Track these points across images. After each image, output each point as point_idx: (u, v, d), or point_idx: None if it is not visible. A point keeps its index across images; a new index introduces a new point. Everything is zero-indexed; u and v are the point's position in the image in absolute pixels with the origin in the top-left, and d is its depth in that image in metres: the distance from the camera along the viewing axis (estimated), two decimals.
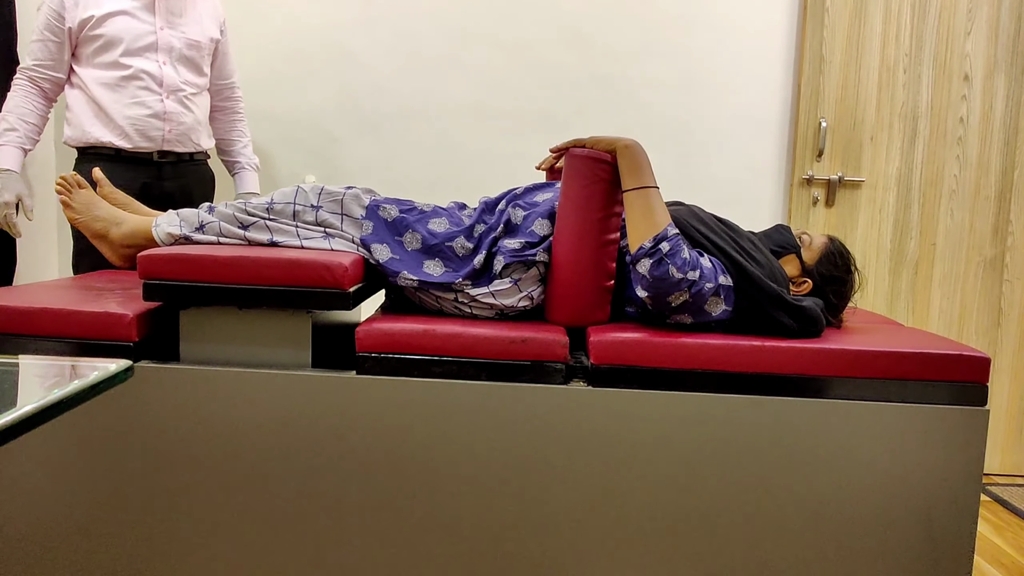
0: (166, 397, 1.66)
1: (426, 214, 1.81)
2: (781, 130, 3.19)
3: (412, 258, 1.77)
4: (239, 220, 1.78)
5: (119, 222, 1.89)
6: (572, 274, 1.72)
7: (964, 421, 1.62)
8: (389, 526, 1.67)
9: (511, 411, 1.64)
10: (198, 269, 1.66)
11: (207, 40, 2.57)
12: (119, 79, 2.41)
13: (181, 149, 2.54)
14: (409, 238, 1.78)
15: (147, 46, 2.43)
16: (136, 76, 2.42)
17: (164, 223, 1.81)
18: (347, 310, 1.65)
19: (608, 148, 1.71)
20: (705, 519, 1.65)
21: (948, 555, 1.65)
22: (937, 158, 3.18)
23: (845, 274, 1.83)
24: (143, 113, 2.43)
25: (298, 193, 1.80)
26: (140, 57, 2.42)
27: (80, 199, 1.92)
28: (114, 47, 2.40)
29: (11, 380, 0.77)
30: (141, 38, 2.42)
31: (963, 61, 3.14)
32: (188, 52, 2.51)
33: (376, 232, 1.78)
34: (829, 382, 1.63)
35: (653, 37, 3.15)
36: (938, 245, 3.21)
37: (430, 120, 3.17)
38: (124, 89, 2.41)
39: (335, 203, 1.80)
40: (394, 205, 1.80)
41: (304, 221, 1.79)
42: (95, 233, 1.92)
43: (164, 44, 2.46)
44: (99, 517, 1.68)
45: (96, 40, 2.39)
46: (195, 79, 2.56)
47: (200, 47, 2.55)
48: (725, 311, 1.68)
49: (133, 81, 2.42)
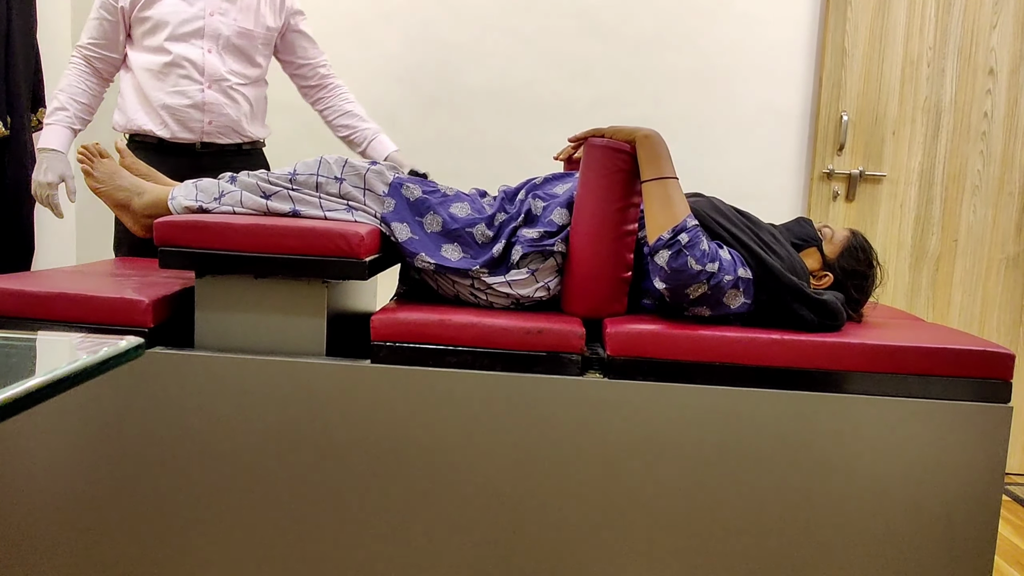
0: (180, 384, 1.65)
1: (448, 198, 1.80)
2: (802, 123, 3.16)
3: (431, 240, 1.76)
4: (262, 189, 1.76)
5: (141, 192, 1.88)
6: (589, 265, 1.71)
7: (987, 418, 1.59)
8: (403, 515, 1.66)
9: (526, 402, 1.63)
10: (215, 236, 1.65)
11: (262, 29, 2.43)
12: (162, 65, 2.33)
13: (225, 140, 2.43)
14: (430, 220, 1.77)
15: (193, 32, 2.33)
16: (177, 63, 2.32)
17: (180, 195, 1.80)
18: (363, 279, 1.63)
19: (627, 138, 1.69)
20: (722, 512, 1.64)
21: (968, 555, 1.62)
22: (960, 153, 3.14)
23: (867, 268, 1.80)
24: (182, 103, 2.34)
25: (321, 164, 1.78)
26: (184, 43, 2.33)
27: (102, 168, 1.90)
28: (160, 30, 2.31)
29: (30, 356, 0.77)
30: (188, 23, 2.32)
31: (988, 55, 3.10)
32: (238, 41, 2.39)
33: (397, 210, 1.77)
34: (849, 377, 1.61)
35: (673, 28, 3.12)
36: (960, 241, 3.17)
37: (449, 111, 3.16)
38: (166, 77, 2.33)
39: (358, 177, 1.78)
40: (418, 185, 1.79)
41: (327, 193, 1.77)
42: (117, 203, 1.90)
43: (211, 31, 2.36)
44: (113, 502, 1.68)
45: (145, 22, 2.31)
46: (244, 69, 2.43)
47: (252, 36, 2.41)
48: (744, 304, 1.66)
49: (175, 68, 2.33)
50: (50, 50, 2.96)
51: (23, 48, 2.70)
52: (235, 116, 2.42)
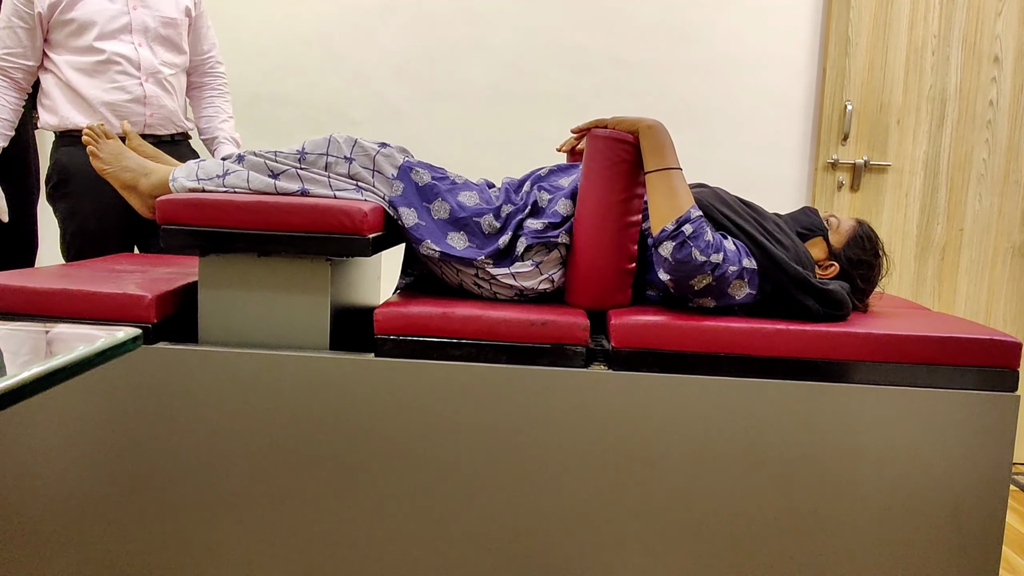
0: (184, 379, 1.65)
1: (457, 185, 1.79)
2: (806, 113, 3.14)
3: (438, 227, 1.75)
4: (269, 168, 1.75)
5: (148, 172, 1.87)
6: (593, 257, 1.70)
7: (994, 407, 1.58)
8: (408, 509, 1.66)
9: (531, 394, 1.62)
10: (217, 214, 1.64)
11: (182, 16, 2.44)
12: (95, 64, 2.30)
13: (163, 132, 2.44)
14: (438, 206, 1.76)
15: (121, 27, 2.32)
16: (112, 60, 2.31)
17: (182, 177, 1.78)
18: (366, 256, 1.63)
19: (631, 128, 1.68)
20: (727, 503, 1.63)
21: (976, 544, 1.61)
22: (965, 142, 3.12)
23: (873, 258, 1.79)
24: (123, 98, 2.34)
25: (331, 143, 1.77)
26: (115, 40, 2.32)
27: (107, 150, 1.89)
28: (87, 31, 2.29)
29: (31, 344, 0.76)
30: (115, 19, 2.31)
31: (993, 43, 3.08)
32: (164, 31, 2.39)
33: (405, 195, 1.75)
34: (855, 366, 1.60)
35: (675, 18, 3.10)
36: (965, 231, 3.16)
37: (451, 103, 3.15)
38: (102, 74, 2.32)
39: (367, 158, 1.76)
40: (427, 170, 1.78)
41: (336, 173, 1.76)
42: (124, 184, 1.89)
43: (139, 24, 2.35)
44: (117, 499, 1.68)
45: (68, 24, 2.28)
46: (173, 59, 2.44)
47: (176, 24, 2.42)
48: (749, 294, 1.65)
49: (110, 66, 2.31)
50: None
51: None
52: (172, 107, 2.44)
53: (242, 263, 1.68)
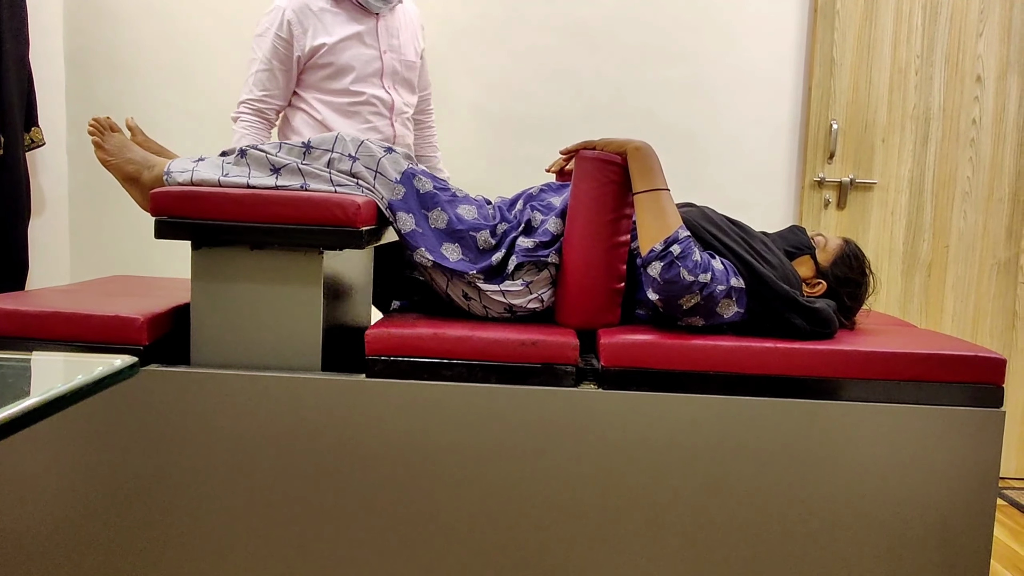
0: (176, 401, 1.65)
1: (458, 198, 1.80)
2: (792, 132, 3.18)
3: (434, 236, 1.76)
4: (271, 163, 1.75)
5: (151, 165, 1.87)
6: (582, 276, 1.71)
7: (980, 423, 1.60)
8: (398, 529, 1.66)
9: (521, 414, 1.63)
10: (210, 207, 1.65)
11: (418, 59, 2.54)
12: (350, 104, 2.37)
13: None
14: (436, 216, 1.77)
15: (374, 72, 2.40)
16: (369, 102, 2.39)
17: (176, 172, 1.77)
18: (359, 248, 1.63)
19: (619, 150, 1.70)
20: (717, 521, 1.64)
21: (964, 559, 1.63)
22: (950, 160, 3.16)
23: (860, 276, 1.81)
24: (376, 138, 2.38)
25: (337, 141, 1.77)
26: (368, 83, 2.39)
27: (112, 142, 1.89)
28: (345, 75, 2.36)
29: (25, 376, 0.77)
30: (369, 64, 2.38)
31: (975, 62, 3.12)
32: (407, 74, 2.48)
33: (406, 199, 1.76)
34: (842, 384, 1.62)
35: (662, 40, 3.14)
36: (951, 247, 3.19)
37: (439, 123, 3.17)
38: (356, 115, 2.38)
39: (371, 159, 1.77)
40: (430, 179, 1.79)
41: (339, 169, 1.76)
42: (127, 176, 1.89)
43: (389, 68, 2.42)
44: (108, 521, 1.67)
45: (326, 68, 2.34)
46: (411, 98, 2.53)
47: (414, 67, 2.51)
48: (737, 313, 1.67)
49: (366, 107, 2.39)
50: (43, 69, 2.96)
51: (15, 67, 2.70)
52: (410, 144, 2.56)
53: (235, 255, 1.68)
